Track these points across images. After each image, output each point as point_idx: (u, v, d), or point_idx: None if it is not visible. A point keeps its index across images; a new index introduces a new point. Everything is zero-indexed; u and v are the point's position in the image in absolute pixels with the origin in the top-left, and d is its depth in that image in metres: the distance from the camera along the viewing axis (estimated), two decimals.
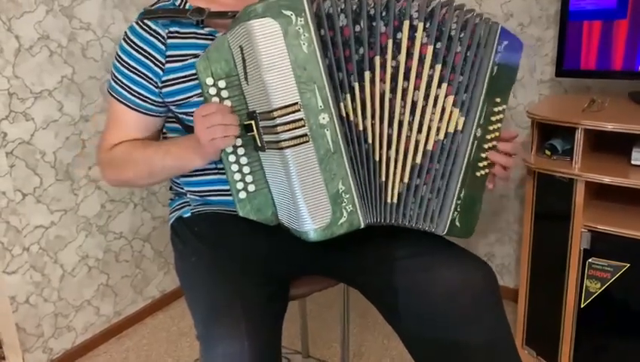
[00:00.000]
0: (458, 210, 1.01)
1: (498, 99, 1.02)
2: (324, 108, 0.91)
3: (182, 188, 1.18)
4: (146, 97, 1.10)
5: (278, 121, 0.89)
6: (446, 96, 0.98)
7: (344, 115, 0.94)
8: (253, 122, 0.94)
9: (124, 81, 1.10)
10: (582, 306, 1.52)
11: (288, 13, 0.88)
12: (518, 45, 1.04)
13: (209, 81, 0.96)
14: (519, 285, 1.71)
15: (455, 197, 1.00)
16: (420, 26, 0.95)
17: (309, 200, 0.92)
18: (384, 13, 0.94)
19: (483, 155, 1.03)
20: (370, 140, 0.96)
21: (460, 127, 0.99)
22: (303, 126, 0.90)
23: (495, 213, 2.08)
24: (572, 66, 1.63)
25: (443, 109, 0.98)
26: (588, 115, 1.47)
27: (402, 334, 1.07)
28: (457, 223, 1.02)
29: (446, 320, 0.98)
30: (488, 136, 1.03)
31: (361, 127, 0.95)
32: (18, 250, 1.71)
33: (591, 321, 1.53)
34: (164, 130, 1.19)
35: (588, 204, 1.50)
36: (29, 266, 1.74)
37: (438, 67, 0.97)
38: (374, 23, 0.94)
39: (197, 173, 1.13)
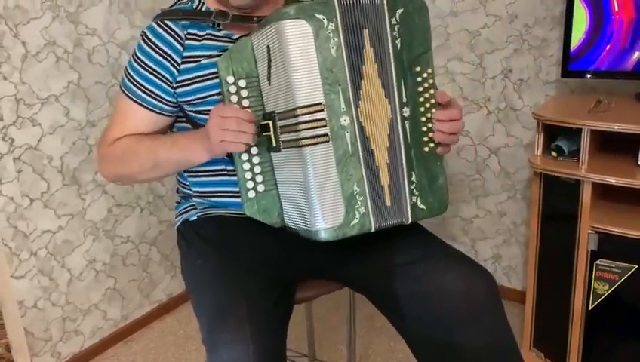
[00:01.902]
0: (415, 193, 1.01)
1: (418, 68, 1.00)
2: (346, 110, 0.94)
3: (189, 190, 1.19)
4: (160, 96, 1.10)
5: (301, 119, 0.92)
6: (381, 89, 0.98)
7: (361, 120, 0.95)
8: (270, 122, 0.96)
9: (139, 79, 1.10)
10: (590, 308, 1.51)
11: (321, 17, 0.91)
12: (418, 5, 1.00)
13: (230, 79, 0.98)
14: (526, 287, 1.70)
15: (406, 183, 1.00)
16: (367, 32, 0.96)
17: (323, 200, 0.93)
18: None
19: (424, 129, 1.02)
20: (372, 146, 0.97)
21: (391, 115, 0.99)
22: (325, 126, 0.92)
23: (501, 214, 2.08)
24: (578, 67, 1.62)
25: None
26: (594, 115, 1.46)
27: (406, 337, 1.08)
28: (422, 206, 1.01)
29: (448, 324, 0.99)
30: (422, 108, 1.01)
31: (367, 134, 0.97)
32: (26, 254, 1.72)
33: (599, 323, 1.51)
34: (174, 131, 1.19)
35: (595, 205, 1.49)
36: (37, 271, 1.75)
37: (377, 66, 0.97)
38: (360, 34, 0.95)
39: (205, 173, 1.14)
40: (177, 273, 2.24)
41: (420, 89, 1.01)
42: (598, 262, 1.47)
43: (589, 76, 1.64)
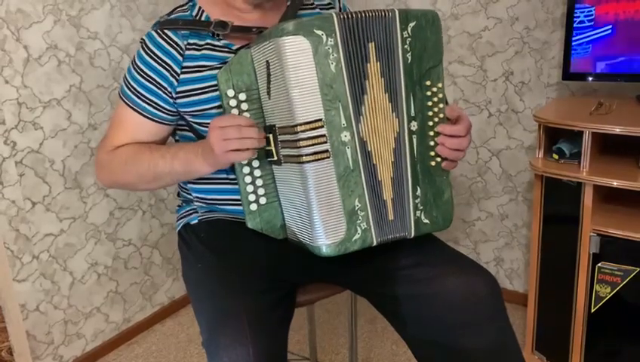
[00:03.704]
0: (420, 207, 1.00)
1: (428, 82, 0.99)
2: (346, 126, 0.93)
3: (190, 195, 1.19)
4: (159, 106, 1.10)
5: (301, 135, 0.91)
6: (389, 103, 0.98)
7: (362, 135, 0.95)
8: (271, 136, 0.96)
9: (138, 88, 1.10)
10: (592, 311, 1.51)
11: (319, 32, 0.90)
12: (430, 18, 0.99)
13: (230, 92, 0.98)
14: (528, 290, 1.70)
15: (411, 197, 1.00)
16: (372, 45, 0.95)
17: (324, 216, 0.93)
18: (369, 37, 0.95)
19: (432, 143, 1.01)
20: (375, 161, 0.97)
21: (398, 129, 0.98)
22: (325, 142, 0.92)
23: (503, 217, 2.07)
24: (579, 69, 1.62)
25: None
26: (595, 118, 1.46)
27: (408, 341, 1.08)
28: (425, 220, 1.01)
29: (450, 328, 0.99)
30: (430, 123, 1.00)
31: (369, 148, 0.96)
32: (28, 257, 1.72)
33: (601, 326, 1.51)
34: (177, 139, 1.19)
35: (596, 208, 1.49)
36: (39, 274, 1.76)
37: (383, 80, 0.97)
38: (364, 48, 0.95)
39: (207, 181, 1.13)
40: (179, 276, 2.24)
41: (430, 103, 1.00)
42: (600, 264, 1.47)
43: (590, 79, 1.64)
